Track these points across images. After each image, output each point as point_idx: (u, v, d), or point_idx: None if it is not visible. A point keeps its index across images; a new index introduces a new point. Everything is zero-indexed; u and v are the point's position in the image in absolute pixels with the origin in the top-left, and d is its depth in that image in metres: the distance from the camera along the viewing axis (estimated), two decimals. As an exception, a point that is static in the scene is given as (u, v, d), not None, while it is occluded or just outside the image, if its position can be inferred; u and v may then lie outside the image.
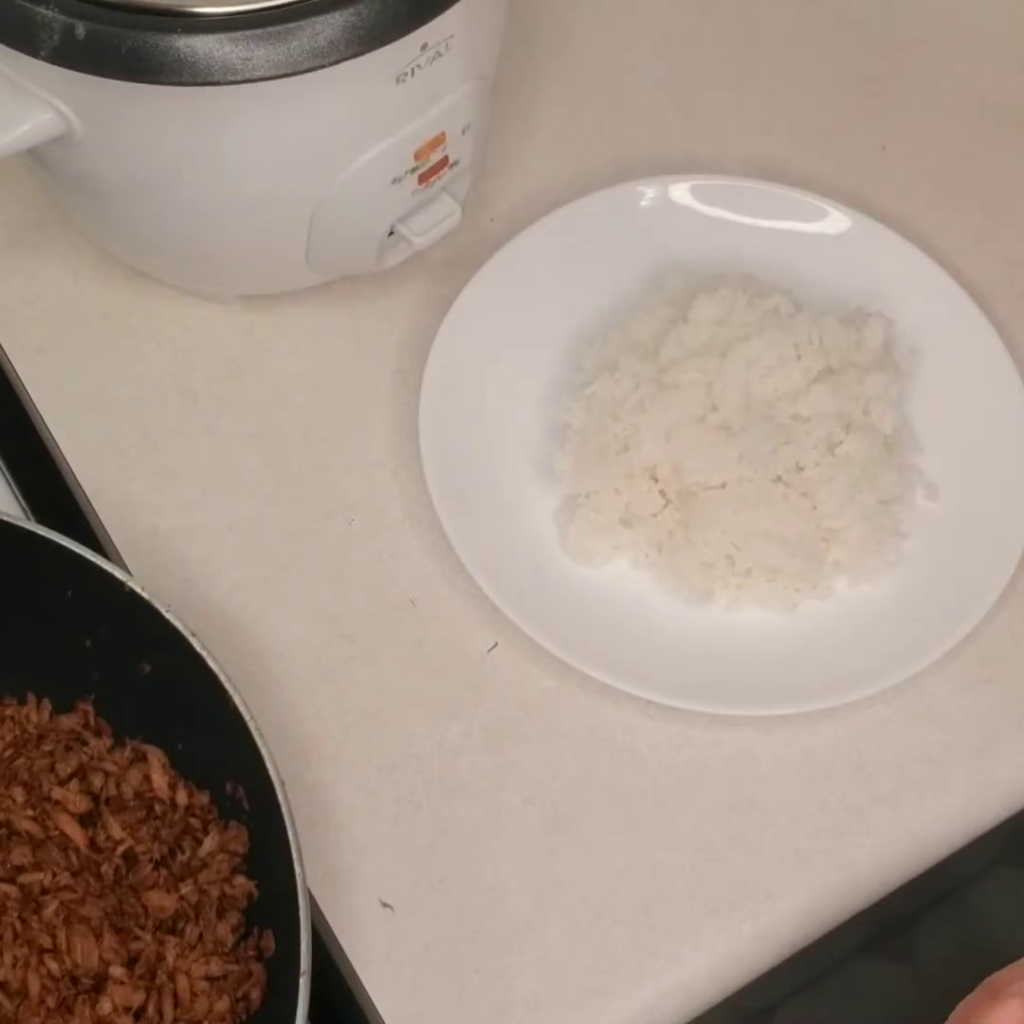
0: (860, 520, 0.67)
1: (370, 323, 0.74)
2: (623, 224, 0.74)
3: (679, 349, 0.69)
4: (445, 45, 0.60)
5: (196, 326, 0.74)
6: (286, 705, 0.64)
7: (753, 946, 0.61)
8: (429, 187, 0.66)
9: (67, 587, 0.59)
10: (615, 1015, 0.60)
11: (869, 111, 0.82)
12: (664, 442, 0.67)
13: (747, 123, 0.81)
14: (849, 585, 0.67)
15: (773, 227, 0.75)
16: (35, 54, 0.55)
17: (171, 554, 0.68)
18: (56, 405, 0.71)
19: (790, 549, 0.66)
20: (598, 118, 0.81)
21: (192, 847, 0.57)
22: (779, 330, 0.69)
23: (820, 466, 0.67)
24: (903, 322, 0.72)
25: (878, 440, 0.68)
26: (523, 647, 0.65)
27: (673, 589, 0.67)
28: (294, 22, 0.54)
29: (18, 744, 0.60)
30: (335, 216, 0.65)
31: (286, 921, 0.53)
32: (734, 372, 0.67)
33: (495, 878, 0.61)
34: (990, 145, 0.81)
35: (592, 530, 0.67)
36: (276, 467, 0.70)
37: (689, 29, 0.84)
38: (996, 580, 0.66)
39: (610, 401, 0.68)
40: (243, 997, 0.55)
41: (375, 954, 0.60)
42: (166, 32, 0.54)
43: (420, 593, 0.68)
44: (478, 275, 0.72)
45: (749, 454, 0.66)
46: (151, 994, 0.55)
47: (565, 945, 0.61)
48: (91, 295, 0.74)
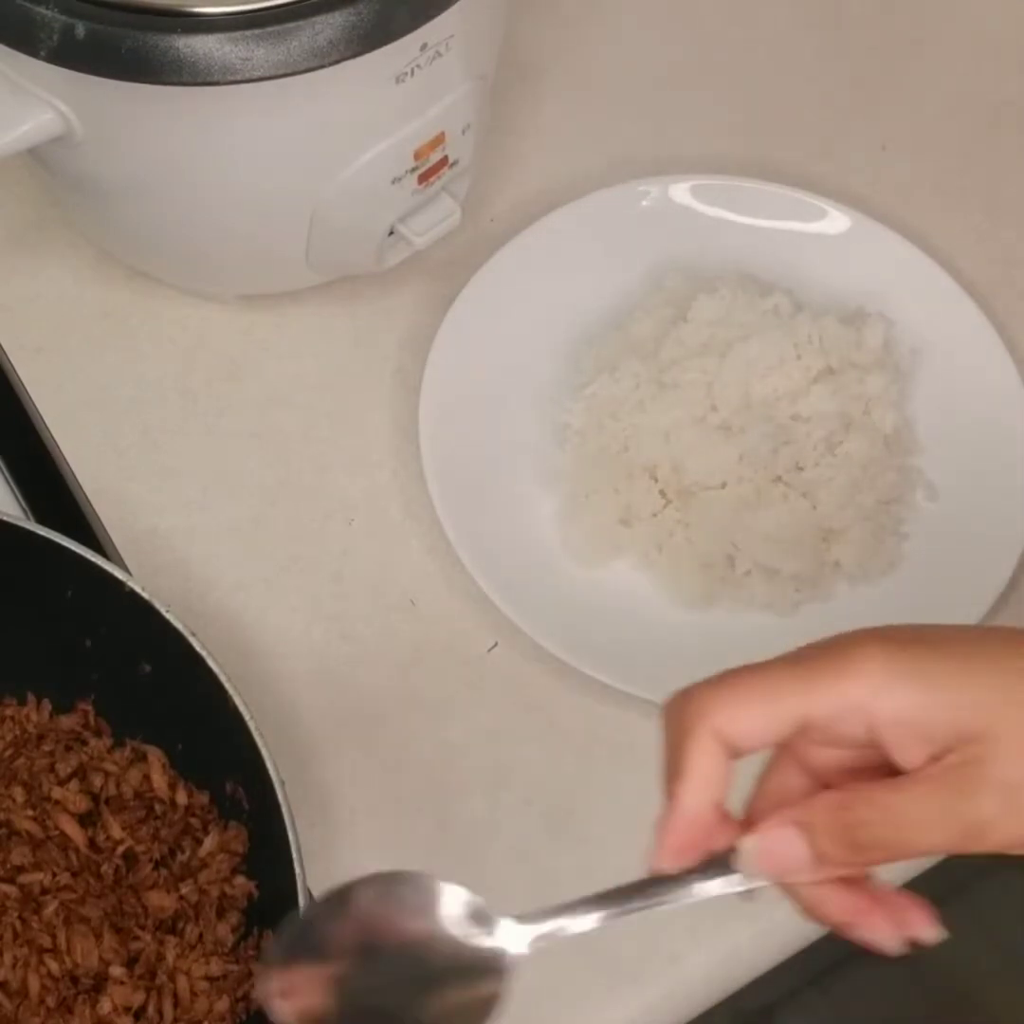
0: (860, 520, 0.66)
1: (370, 323, 0.74)
2: (623, 224, 0.74)
3: (679, 349, 0.69)
4: (445, 45, 0.60)
5: (196, 326, 0.74)
6: (286, 705, 0.64)
7: (753, 946, 0.61)
8: (429, 187, 0.66)
9: (67, 587, 0.59)
10: (615, 1015, 0.60)
11: (869, 111, 0.82)
12: (664, 442, 0.67)
13: (747, 123, 0.81)
14: (849, 585, 0.67)
15: (773, 227, 0.75)
16: (35, 54, 0.55)
17: (171, 554, 0.68)
18: (56, 405, 0.71)
19: (790, 549, 0.66)
20: (598, 118, 0.81)
21: (192, 847, 0.57)
22: (779, 330, 0.69)
23: (820, 466, 0.67)
24: (903, 322, 0.72)
25: (878, 440, 0.68)
26: (523, 647, 0.65)
27: (673, 589, 0.67)
28: (294, 22, 0.54)
29: (18, 744, 0.60)
30: (335, 216, 0.65)
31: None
32: (734, 372, 0.67)
33: (495, 878, 0.61)
34: (990, 145, 0.81)
35: (592, 530, 0.67)
36: (276, 467, 0.70)
37: (689, 29, 0.84)
38: (996, 580, 0.66)
39: (610, 401, 0.68)
40: (243, 997, 0.55)
41: (375, 954, 0.60)
42: (166, 32, 0.54)
43: (420, 593, 0.68)
44: (478, 275, 0.72)
45: (749, 454, 0.66)
46: (151, 994, 0.55)
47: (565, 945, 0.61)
48: (91, 295, 0.74)
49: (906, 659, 0.41)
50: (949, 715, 0.40)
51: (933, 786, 0.40)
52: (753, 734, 0.41)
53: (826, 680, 0.41)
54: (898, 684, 0.40)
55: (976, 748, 0.40)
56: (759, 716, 0.41)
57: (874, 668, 0.40)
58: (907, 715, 0.40)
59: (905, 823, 0.40)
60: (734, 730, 0.41)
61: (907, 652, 0.41)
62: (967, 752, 0.40)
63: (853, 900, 0.42)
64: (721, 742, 0.41)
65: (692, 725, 0.41)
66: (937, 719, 0.40)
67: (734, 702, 0.41)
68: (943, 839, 0.40)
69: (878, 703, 0.40)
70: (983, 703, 0.40)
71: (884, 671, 0.40)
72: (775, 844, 0.41)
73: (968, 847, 0.40)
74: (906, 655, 0.41)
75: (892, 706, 0.40)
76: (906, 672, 0.41)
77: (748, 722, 0.41)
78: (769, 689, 0.42)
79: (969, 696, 0.40)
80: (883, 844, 0.40)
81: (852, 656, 0.41)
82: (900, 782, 0.41)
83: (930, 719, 0.40)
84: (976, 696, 0.40)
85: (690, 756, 0.41)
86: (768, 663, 0.43)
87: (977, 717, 0.40)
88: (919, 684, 0.40)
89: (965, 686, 0.40)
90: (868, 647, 0.41)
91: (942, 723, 0.40)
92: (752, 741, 0.41)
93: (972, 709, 0.40)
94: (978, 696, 0.40)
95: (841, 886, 0.42)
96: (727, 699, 0.41)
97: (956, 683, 0.40)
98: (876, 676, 0.40)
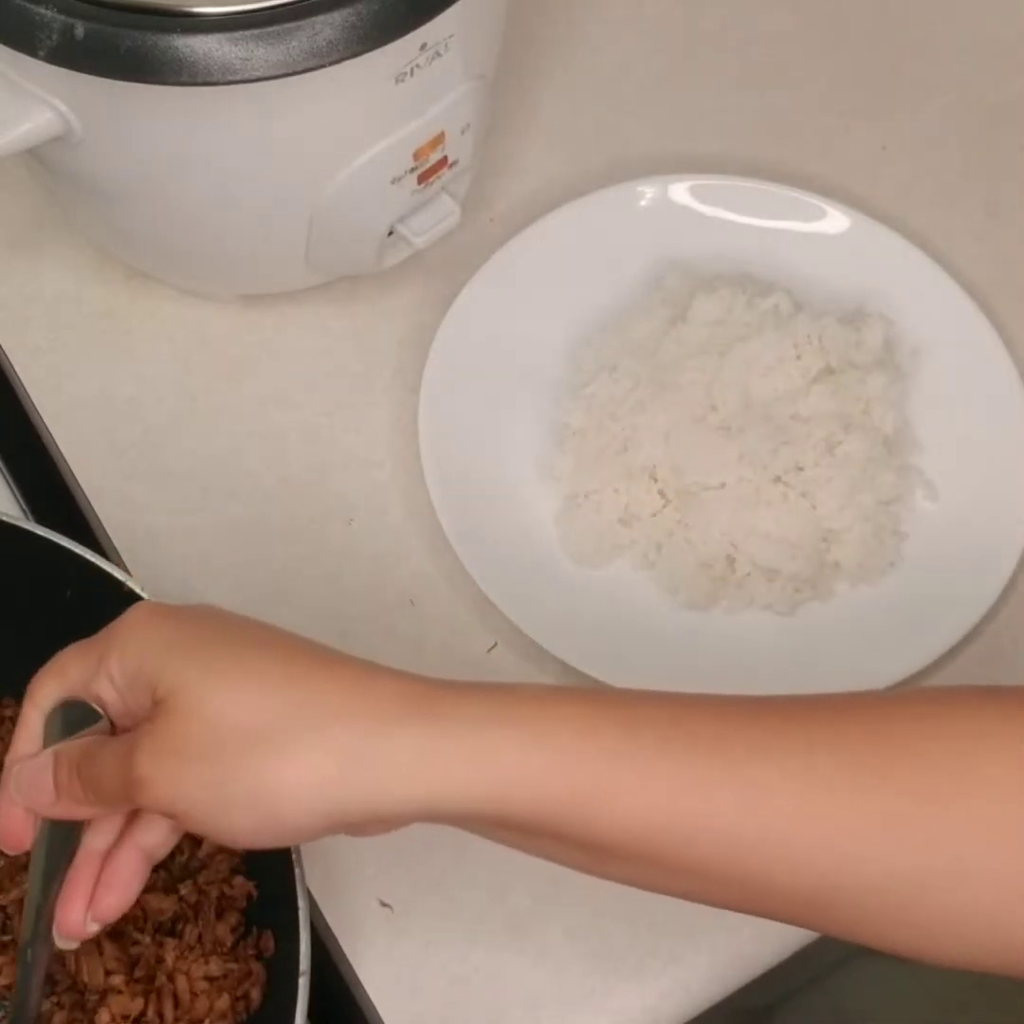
0: (860, 520, 0.66)
1: (370, 323, 0.74)
2: (623, 224, 0.74)
3: (678, 349, 0.69)
4: (444, 45, 0.60)
5: (196, 326, 0.73)
6: (286, 705, 0.64)
7: (753, 946, 0.61)
8: (428, 187, 0.66)
9: (67, 587, 0.59)
10: (615, 1015, 0.60)
11: (869, 111, 0.82)
12: (663, 442, 0.67)
13: (747, 123, 0.81)
14: (849, 585, 0.67)
15: (773, 227, 0.75)
16: (34, 54, 0.55)
17: (171, 554, 0.68)
18: (56, 405, 0.71)
19: (790, 550, 0.66)
20: (597, 118, 0.81)
21: (191, 848, 0.57)
22: (778, 330, 0.69)
23: (820, 466, 0.67)
24: (903, 322, 0.72)
25: (878, 440, 0.68)
26: (523, 647, 0.65)
27: (672, 589, 0.67)
28: (293, 22, 0.54)
29: (18, 744, 0.60)
30: (335, 216, 0.65)
31: (285, 921, 0.53)
32: (733, 372, 0.67)
33: (495, 877, 0.61)
34: (990, 145, 0.81)
35: (592, 530, 0.67)
36: (276, 467, 0.70)
37: (689, 29, 0.84)
38: (995, 580, 0.66)
39: (609, 401, 0.68)
40: (243, 996, 0.55)
41: (374, 954, 0.60)
42: (165, 32, 0.54)
43: (420, 593, 0.68)
44: (478, 275, 0.72)
45: (749, 454, 0.66)
46: (150, 998, 0.54)
47: (565, 945, 0.61)
48: (91, 295, 0.74)
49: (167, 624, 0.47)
50: (150, 676, 0.45)
51: (121, 740, 0.46)
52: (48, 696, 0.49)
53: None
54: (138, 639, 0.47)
55: (157, 711, 0.45)
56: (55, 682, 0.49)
57: (128, 627, 0.47)
58: (132, 667, 0.46)
59: (100, 772, 0.46)
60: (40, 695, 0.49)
61: (160, 619, 0.47)
62: (153, 711, 0.45)
63: (86, 870, 0.48)
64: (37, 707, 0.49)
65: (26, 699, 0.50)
66: (140, 675, 0.46)
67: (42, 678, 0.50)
68: (114, 788, 0.45)
69: (115, 658, 0.47)
70: (180, 672, 0.45)
71: (135, 631, 0.47)
72: (31, 769, 0.48)
73: (135, 798, 0.45)
74: (157, 621, 0.47)
75: (113, 666, 0.47)
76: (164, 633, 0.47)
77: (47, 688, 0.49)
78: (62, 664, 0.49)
79: (174, 662, 0.45)
80: (94, 787, 0.46)
81: (121, 622, 0.48)
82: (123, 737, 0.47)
83: (136, 676, 0.46)
84: (179, 665, 0.45)
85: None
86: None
87: (171, 681, 0.45)
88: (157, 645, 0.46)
89: (178, 655, 0.46)
90: (135, 610, 0.48)
91: (143, 679, 0.46)
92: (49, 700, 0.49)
93: (172, 673, 0.45)
94: (181, 666, 0.45)
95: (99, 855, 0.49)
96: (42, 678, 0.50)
97: (177, 651, 0.46)
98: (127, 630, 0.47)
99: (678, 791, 0.43)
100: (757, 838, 0.43)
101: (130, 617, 0.48)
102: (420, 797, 0.43)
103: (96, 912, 0.48)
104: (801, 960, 0.62)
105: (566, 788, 0.43)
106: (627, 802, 0.43)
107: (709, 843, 0.43)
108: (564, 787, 0.43)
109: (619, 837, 0.43)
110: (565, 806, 0.43)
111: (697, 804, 0.43)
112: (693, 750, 0.43)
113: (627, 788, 0.43)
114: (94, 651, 0.48)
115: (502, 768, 0.43)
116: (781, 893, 0.44)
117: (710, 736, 0.44)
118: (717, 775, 0.43)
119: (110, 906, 0.48)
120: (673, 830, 0.43)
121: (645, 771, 0.43)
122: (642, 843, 0.43)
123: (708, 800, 0.43)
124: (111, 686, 0.47)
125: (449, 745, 0.43)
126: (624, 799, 0.43)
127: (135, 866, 0.49)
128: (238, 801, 0.43)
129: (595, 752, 0.43)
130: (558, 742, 0.43)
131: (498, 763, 0.43)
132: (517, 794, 0.43)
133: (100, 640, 0.48)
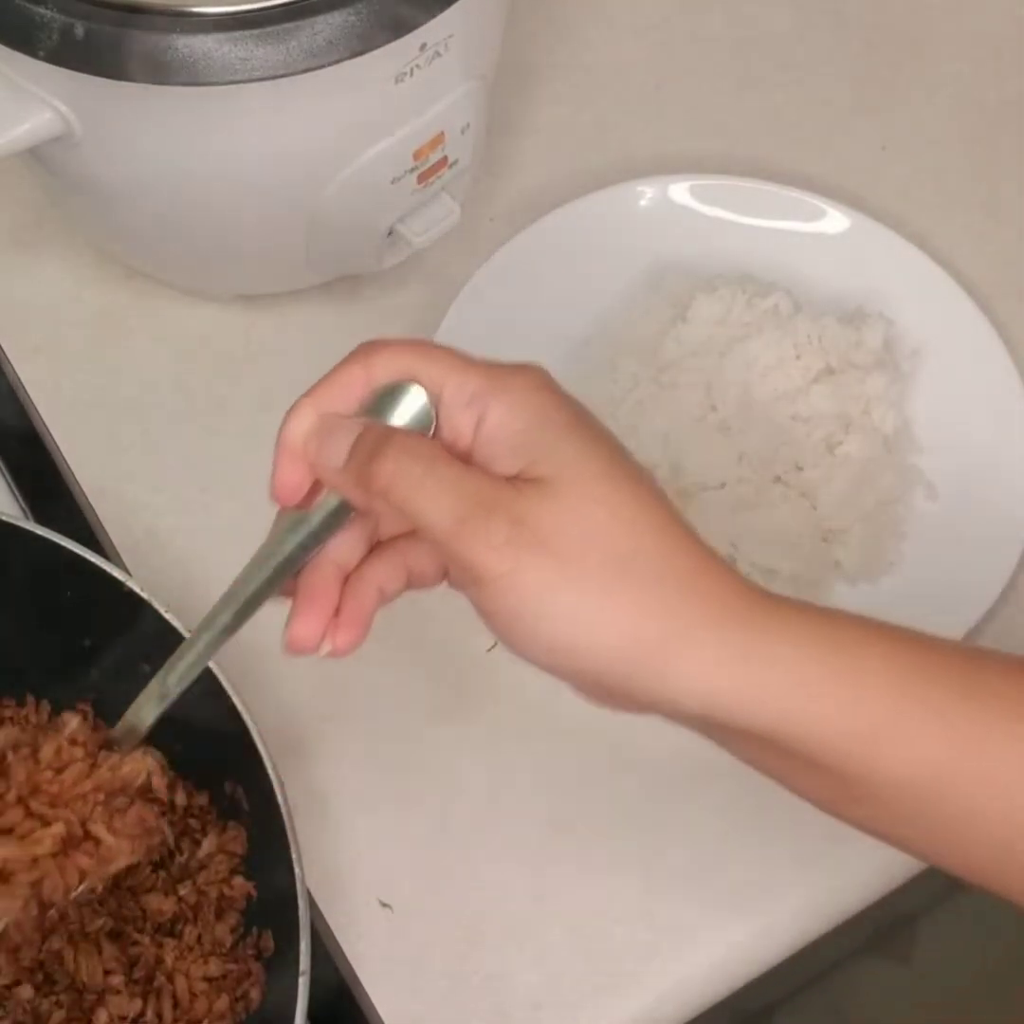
0: (860, 520, 0.66)
1: (370, 323, 0.74)
2: (623, 224, 0.74)
3: (678, 349, 0.69)
4: (444, 45, 0.60)
5: (196, 326, 0.73)
6: (286, 705, 0.64)
7: (753, 946, 0.61)
8: (428, 187, 0.66)
9: (67, 587, 0.59)
10: (615, 1015, 0.60)
11: (869, 111, 0.82)
12: (663, 442, 0.67)
13: (747, 123, 0.81)
14: (849, 585, 0.67)
15: (773, 227, 0.75)
16: (34, 54, 0.55)
17: (171, 554, 0.68)
18: (56, 405, 0.71)
19: (790, 550, 0.66)
20: (598, 118, 0.81)
21: (191, 848, 0.57)
22: (778, 330, 0.69)
23: (820, 466, 0.67)
24: (903, 322, 0.72)
25: (878, 440, 0.68)
26: (523, 647, 0.65)
27: (673, 589, 0.67)
28: (293, 22, 0.54)
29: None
30: (335, 216, 0.65)
31: (285, 922, 0.53)
32: (733, 372, 0.67)
33: (495, 878, 0.61)
34: (990, 145, 0.81)
35: (592, 530, 0.67)
36: (276, 467, 0.70)
37: (689, 29, 0.84)
38: (995, 580, 0.66)
39: (608, 401, 0.68)
40: (242, 996, 0.55)
41: (374, 954, 0.60)
42: (165, 32, 0.54)
43: (420, 592, 0.67)
44: (478, 275, 0.72)
45: (749, 454, 0.66)
46: (149, 999, 0.54)
47: (565, 945, 0.61)
48: (91, 295, 0.74)
49: (552, 400, 0.44)
50: (542, 449, 0.43)
51: (468, 473, 0.43)
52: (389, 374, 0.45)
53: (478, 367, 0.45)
54: (527, 403, 0.43)
55: (529, 486, 0.42)
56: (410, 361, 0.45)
57: (523, 382, 0.44)
58: (508, 427, 0.43)
59: (416, 483, 0.43)
60: (380, 366, 0.46)
61: (559, 396, 0.44)
62: (528, 473, 0.43)
63: (331, 587, 0.46)
64: (363, 376, 0.46)
65: (354, 355, 0.47)
66: (531, 443, 0.43)
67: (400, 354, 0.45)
68: (439, 518, 0.42)
69: (493, 406, 0.43)
70: (563, 453, 0.42)
71: (528, 388, 0.44)
72: (331, 435, 0.46)
73: (467, 556, 0.42)
74: (557, 397, 0.44)
75: (503, 413, 0.43)
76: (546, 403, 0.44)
77: (396, 363, 0.45)
78: (435, 353, 0.45)
79: (565, 447, 0.43)
80: (392, 488, 0.43)
81: (523, 368, 0.44)
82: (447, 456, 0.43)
83: (527, 441, 0.43)
84: (565, 448, 0.43)
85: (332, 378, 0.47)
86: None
87: (552, 464, 0.42)
88: (537, 417, 0.43)
89: (564, 438, 0.43)
90: (539, 371, 0.44)
91: (534, 448, 0.43)
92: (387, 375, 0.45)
93: (556, 457, 0.42)
94: (565, 449, 0.43)
95: (338, 575, 0.46)
96: (399, 354, 0.45)
97: (562, 432, 0.43)
98: (522, 382, 0.44)
99: (960, 749, 0.42)
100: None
101: (535, 377, 0.44)
102: (703, 696, 0.42)
103: (336, 642, 0.46)
104: (801, 960, 0.62)
105: (865, 722, 0.42)
106: (917, 752, 0.42)
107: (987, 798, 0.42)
108: (862, 721, 0.42)
109: (897, 780, 0.42)
110: (850, 742, 0.42)
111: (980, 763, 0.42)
112: (986, 706, 0.43)
113: (922, 736, 0.42)
114: (471, 378, 0.44)
115: (810, 700, 0.42)
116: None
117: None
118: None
119: (347, 642, 0.46)
120: (956, 785, 0.42)
121: (942, 724, 0.42)
122: (913, 793, 0.42)
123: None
124: (470, 415, 0.44)
125: (760, 657, 0.42)
126: (916, 747, 0.42)
127: (374, 606, 0.47)
128: (557, 618, 0.42)
129: (898, 695, 0.42)
130: (866, 680, 0.42)
131: (808, 695, 0.42)
132: (804, 718, 0.42)
133: (481, 374, 0.44)
